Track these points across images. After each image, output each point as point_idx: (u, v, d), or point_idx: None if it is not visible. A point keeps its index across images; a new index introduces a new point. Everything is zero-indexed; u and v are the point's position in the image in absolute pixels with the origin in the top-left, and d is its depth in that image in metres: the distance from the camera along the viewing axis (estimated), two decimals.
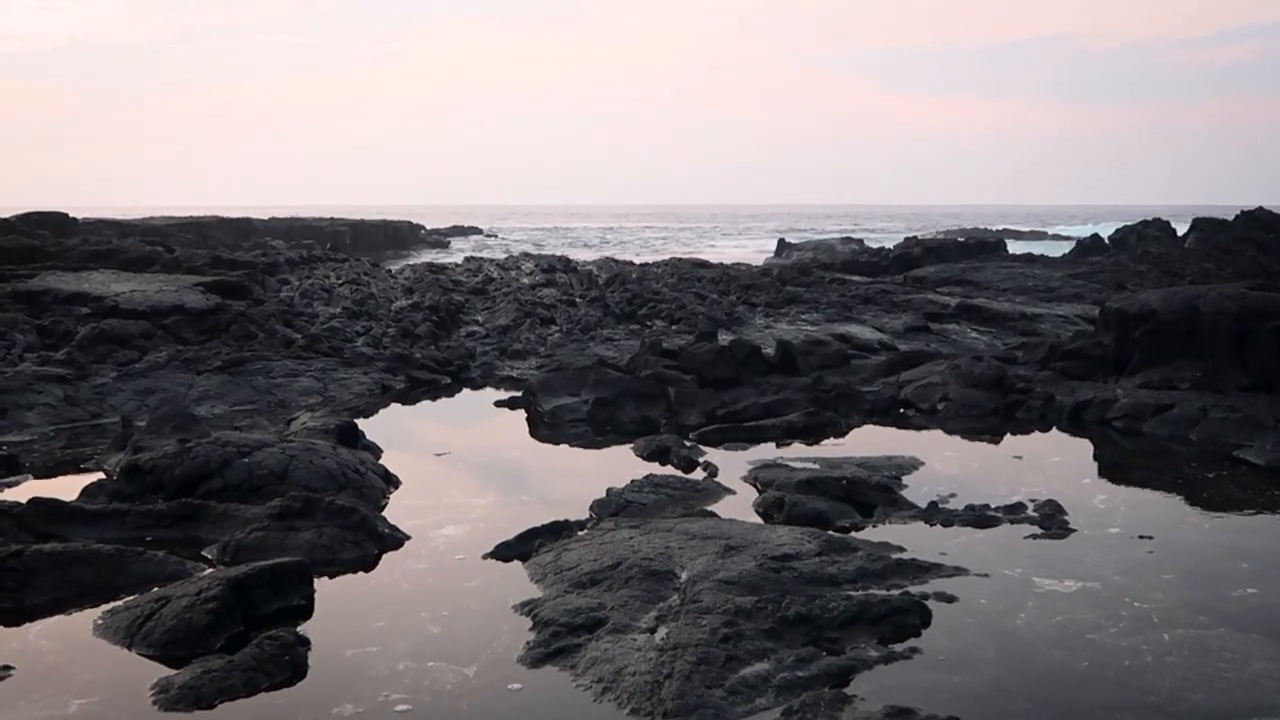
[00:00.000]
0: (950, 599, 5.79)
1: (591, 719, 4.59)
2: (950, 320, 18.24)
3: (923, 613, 5.55)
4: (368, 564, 6.65)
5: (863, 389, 12.17)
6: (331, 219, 53.59)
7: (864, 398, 11.80)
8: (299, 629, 5.37)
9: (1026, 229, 67.43)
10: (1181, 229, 32.21)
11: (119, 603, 5.76)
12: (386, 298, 19.73)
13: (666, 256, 33.29)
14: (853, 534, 7.06)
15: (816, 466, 8.67)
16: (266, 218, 49.82)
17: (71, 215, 30.28)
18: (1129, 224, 34.58)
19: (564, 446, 10.34)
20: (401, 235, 53.55)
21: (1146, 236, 31.69)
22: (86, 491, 7.77)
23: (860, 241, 43.87)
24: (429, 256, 39.46)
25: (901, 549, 6.58)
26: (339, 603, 5.99)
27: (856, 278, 25.47)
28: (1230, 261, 25.20)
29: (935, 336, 16.87)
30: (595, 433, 10.76)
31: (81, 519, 7.06)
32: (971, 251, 30.77)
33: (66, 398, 11.33)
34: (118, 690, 4.85)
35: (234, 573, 5.72)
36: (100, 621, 5.55)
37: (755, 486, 8.39)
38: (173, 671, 4.92)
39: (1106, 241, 32.64)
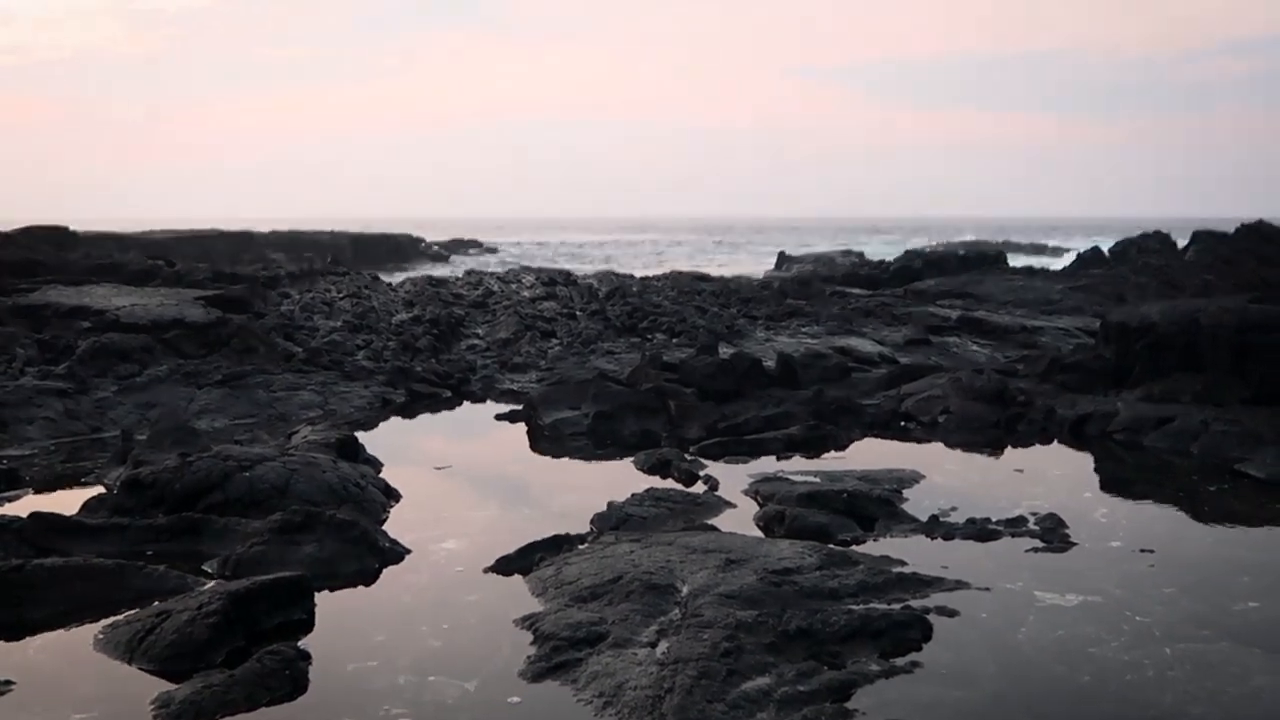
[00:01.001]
0: (951, 613, 5.79)
1: None
2: (951, 333, 18.21)
3: (924, 627, 5.54)
4: (368, 578, 6.64)
5: (863, 402, 12.17)
6: (332, 232, 53.74)
7: (865, 411, 11.79)
8: (300, 643, 5.36)
9: (1026, 241, 67.56)
10: (1182, 241, 32.21)
11: (119, 617, 5.74)
12: (387, 311, 19.74)
13: (667, 269, 33.33)
14: (854, 548, 7.05)
15: (817, 480, 8.66)
16: (267, 230, 49.91)
17: (72, 229, 30.37)
18: (1129, 237, 34.59)
19: (564, 460, 10.33)
20: (402, 249, 53.78)
21: (1146, 249, 31.67)
22: (87, 505, 7.76)
23: (860, 254, 43.96)
24: (429, 270, 39.52)
25: (903, 563, 6.57)
26: (339, 617, 5.98)
27: (857, 290, 25.47)
28: (1231, 274, 25.18)
29: (936, 349, 16.83)
30: (596, 446, 10.76)
31: (82, 533, 7.05)
32: (972, 264, 30.77)
33: (67, 411, 11.33)
34: (118, 704, 4.84)
35: (235, 587, 5.72)
36: (101, 636, 5.54)
37: (756, 500, 8.38)
38: (173, 686, 4.91)
39: (1106, 254, 32.64)
